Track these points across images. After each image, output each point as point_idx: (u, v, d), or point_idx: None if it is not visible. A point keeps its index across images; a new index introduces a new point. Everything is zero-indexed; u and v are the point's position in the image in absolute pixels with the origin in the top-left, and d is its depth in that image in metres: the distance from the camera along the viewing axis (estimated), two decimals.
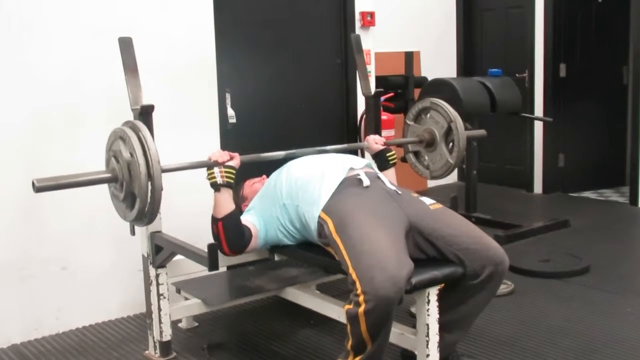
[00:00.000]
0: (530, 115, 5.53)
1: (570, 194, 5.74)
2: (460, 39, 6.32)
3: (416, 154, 3.24)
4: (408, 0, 5.85)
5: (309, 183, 2.44)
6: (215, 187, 2.42)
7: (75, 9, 2.94)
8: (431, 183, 6.09)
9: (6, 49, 2.78)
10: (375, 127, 3.37)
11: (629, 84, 5.53)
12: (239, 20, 3.56)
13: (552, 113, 5.55)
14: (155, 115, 2.52)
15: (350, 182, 2.40)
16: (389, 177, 2.73)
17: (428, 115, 3.11)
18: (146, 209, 2.18)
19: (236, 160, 2.48)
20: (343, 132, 3.98)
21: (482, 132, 3.46)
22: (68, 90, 2.94)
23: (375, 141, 2.91)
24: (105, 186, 3.01)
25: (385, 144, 2.91)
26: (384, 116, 4.57)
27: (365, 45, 3.64)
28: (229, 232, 2.43)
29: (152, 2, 3.16)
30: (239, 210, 2.51)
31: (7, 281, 2.85)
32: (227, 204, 2.42)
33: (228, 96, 2.65)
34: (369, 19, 4.04)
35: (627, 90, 5.66)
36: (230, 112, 2.75)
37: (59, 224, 2.96)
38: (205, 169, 2.46)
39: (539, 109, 5.70)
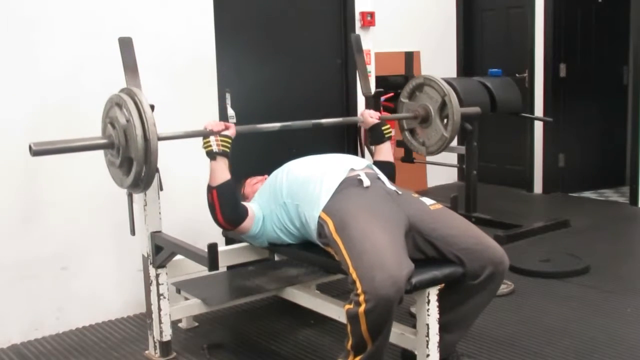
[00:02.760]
0: (530, 115, 5.53)
1: (570, 194, 5.74)
2: (460, 39, 6.31)
3: (412, 132, 3.26)
4: (408, 0, 5.85)
5: (309, 183, 2.44)
6: (211, 155, 2.46)
7: (76, 8, 2.94)
8: (431, 183, 6.10)
9: (8, 47, 2.79)
10: None
11: (629, 84, 5.53)
12: (239, 20, 3.56)
13: (552, 113, 5.55)
14: (155, 115, 2.52)
15: (351, 183, 2.40)
16: (384, 151, 2.90)
17: (422, 91, 3.14)
18: (142, 174, 2.20)
19: (232, 130, 2.53)
20: (343, 132, 3.98)
21: (476, 109, 3.46)
22: (68, 89, 2.94)
23: (370, 115, 2.99)
24: (106, 187, 3.03)
25: (380, 118, 2.99)
26: None
27: (365, 45, 3.64)
28: (223, 200, 2.46)
29: (152, 1, 3.16)
30: (233, 181, 2.53)
31: (7, 281, 2.85)
32: (223, 173, 2.46)
33: (228, 96, 2.65)
34: (369, 19, 4.03)
35: (627, 90, 5.66)
36: (231, 112, 2.76)
37: (59, 224, 2.96)
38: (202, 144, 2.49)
39: (539, 109, 5.70)
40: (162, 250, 2.54)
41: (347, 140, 3.95)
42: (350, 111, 3.98)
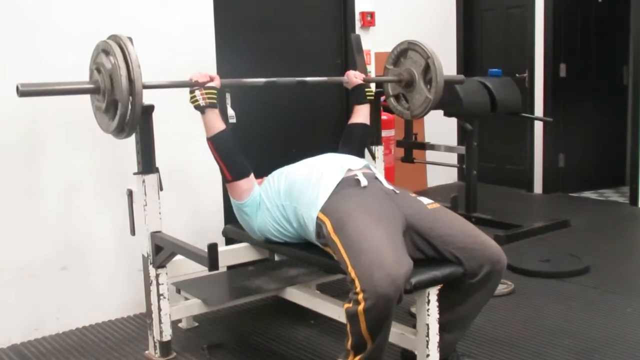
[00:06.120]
0: (530, 115, 5.53)
1: (570, 194, 5.74)
2: (460, 39, 6.31)
3: (397, 98, 3.28)
4: (408, 0, 5.85)
5: (307, 184, 2.44)
6: (200, 109, 2.51)
7: (76, 8, 2.95)
8: (431, 183, 6.10)
9: (7, 46, 2.79)
10: (375, 127, 3.36)
11: (629, 84, 5.53)
12: (239, 20, 3.56)
13: (552, 113, 5.55)
14: (155, 115, 2.53)
15: (348, 183, 2.40)
16: (362, 113, 3.00)
17: (407, 57, 3.16)
18: (127, 117, 2.24)
19: (216, 81, 2.56)
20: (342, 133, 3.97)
21: (460, 76, 3.50)
22: None
23: (355, 75, 3.06)
24: (106, 187, 3.04)
25: (364, 79, 3.06)
26: (384, 116, 4.57)
27: (365, 45, 3.64)
28: (221, 149, 2.50)
29: (152, 1, 3.16)
30: (230, 131, 2.55)
31: (7, 281, 2.85)
32: (215, 124, 2.50)
33: (228, 96, 2.65)
34: (369, 19, 4.04)
35: (627, 90, 5.66)
36: (230, 112, 2.76)
37: (59, 223, 2.96)
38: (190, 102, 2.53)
39: (539, 109, 5.70)
40: (162, 250, 2.54)
41: None
42: (350, 111, 3.97)
